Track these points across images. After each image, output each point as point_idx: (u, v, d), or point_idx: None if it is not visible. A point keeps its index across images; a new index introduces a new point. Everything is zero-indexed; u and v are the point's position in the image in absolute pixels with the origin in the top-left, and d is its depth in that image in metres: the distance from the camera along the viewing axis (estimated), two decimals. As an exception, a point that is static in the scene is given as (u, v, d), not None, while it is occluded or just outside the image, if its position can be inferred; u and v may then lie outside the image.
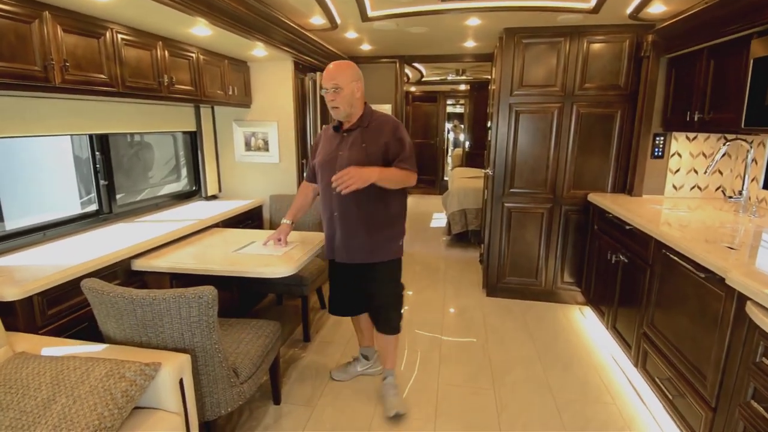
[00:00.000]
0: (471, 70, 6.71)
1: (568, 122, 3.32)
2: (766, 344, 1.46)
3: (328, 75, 2.04)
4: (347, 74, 2.05)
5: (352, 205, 2.11)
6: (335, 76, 2.02)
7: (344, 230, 2.15)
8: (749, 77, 2.11)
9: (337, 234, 2.18)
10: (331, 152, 2.15)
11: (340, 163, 2.07)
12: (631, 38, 3.10)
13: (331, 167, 2.10)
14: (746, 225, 2.36)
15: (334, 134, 2.18)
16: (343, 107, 2.06)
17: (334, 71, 2.04)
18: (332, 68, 2.05)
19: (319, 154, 2.21)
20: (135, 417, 1.42)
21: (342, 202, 2.11)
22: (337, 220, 2.16)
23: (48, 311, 1.76)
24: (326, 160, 2.15)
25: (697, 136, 3.07)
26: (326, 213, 2.21)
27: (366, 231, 2.13)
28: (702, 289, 1.84)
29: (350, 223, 2.13)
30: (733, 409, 1.60)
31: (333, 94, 2.03)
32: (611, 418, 2.23)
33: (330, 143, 2.18)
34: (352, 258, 2.19)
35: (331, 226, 2.20)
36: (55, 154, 2.61)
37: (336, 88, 2.02)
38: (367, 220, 2.13)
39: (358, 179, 1.90)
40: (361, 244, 2.15)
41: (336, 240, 2.19)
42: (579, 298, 3.55)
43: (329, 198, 2.15)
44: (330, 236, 2.23)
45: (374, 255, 2.18)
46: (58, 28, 1.84)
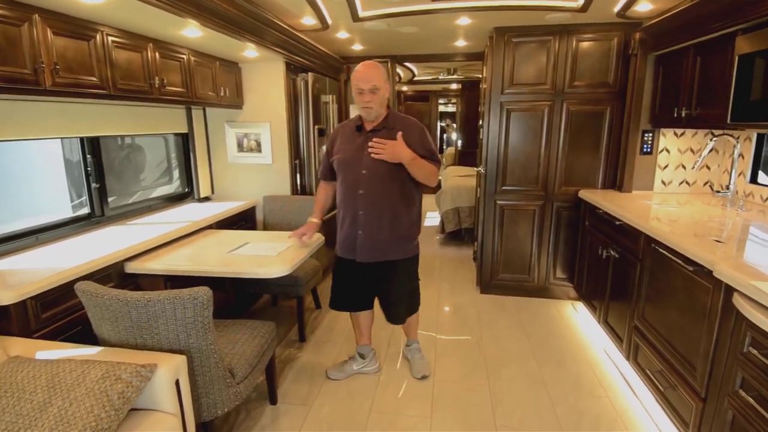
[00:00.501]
0: (462, 69, 6.74)
1: (559, 120, 3.36)
2: (753, 335, 1.49)
3: (366, 75, 2.04)
4: (383, 75, 2.09)
5: (378, 205, 2.15)
6: (373, 77, 2.04)
7: (368, 229, 2.18)
8: (734, 73, 2.15)
9: (360, 233, 2.19)
10: (354, 152, 2.16)
11: (365, 163, 2.12)
12: (620, 36, 3.15)
13: (356, 167, 2.13)
14: (734, 219, 2.40)
15: (355, 133, 2.19)
16: (376, 108, 2.09)
17: (372, 72, 2.05)
18: (370, 69, 2.06)
19: (340, 153, 2.20)
20: (132, 418, 1.42)
21: (368, 202, 2.15)
22: (362, 219, 2.17)
23: (42, 315, 1.75)
24: (350, 159, 2.16)
25: (685, 132, 3.12)
26: (349, 212, 2.21)
27: (390, 230, 2.19)
28: (690, 282, 1.88)
29: (375, 222, 2.17)
30: (723, 399, 1.64)
31: (370, 94, 2.05)
32: (604, 411, 2.27)
33: (351, 142, 2.18)
34: (375, 257, 2.22)
35: (353, 226, 2.20)
36: (45, 157, 2.59)
37: (374, 89, 2.04)
38: (391, 220, 2.18)
39: (390, 153, 2.02)
40: (384, 243, 2.20)
41: (358, 239, 2.21)
42: (571, 294, 3.59)
43: (353, 197, 2.17)
44: (351, 236, 2.23)
45: (395, 253, 2.24)
46: (48, 31, 1.83)
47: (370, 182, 2.14)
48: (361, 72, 2.06)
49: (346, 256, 2.30)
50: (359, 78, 2.06)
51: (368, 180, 2.14)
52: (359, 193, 2.15)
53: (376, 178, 2.14)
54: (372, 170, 2.13)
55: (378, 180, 2.14)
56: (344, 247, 2.29)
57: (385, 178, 2.14)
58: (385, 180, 2.14)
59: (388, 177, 2.14)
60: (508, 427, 2.15)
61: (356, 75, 2.08)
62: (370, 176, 2.14)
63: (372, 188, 2.15)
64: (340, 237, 2.30)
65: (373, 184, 2.14)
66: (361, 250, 2.22)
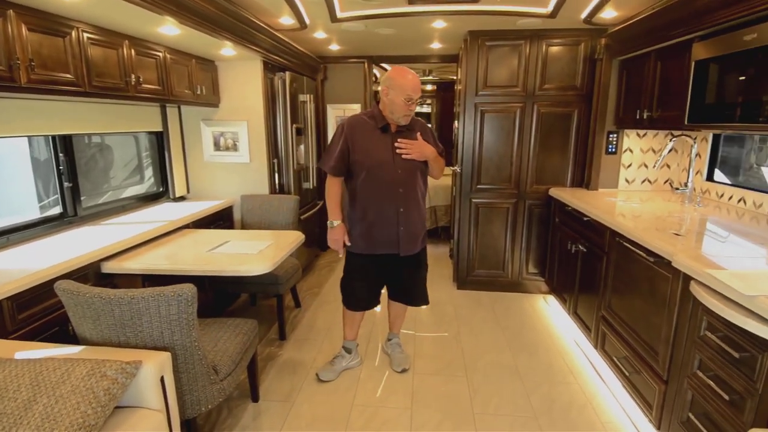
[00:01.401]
0: (437, 71, 6.85)
1: (530, 121, 3.49)
2: (708, 319, 1.62)
3: (419, 86, 2.18)
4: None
5: (413, 201, 2.34)
6: (421, 89, 2.21)
7: (409, 225, 2.33)
8: (691, 78, 2.30)
9: (401, 229, 2.32)
10: (386, 151, 2.26)
11: (399, 163, 2.26)
12: (587, 42, 3.30)
13: (392, 167, 2.25)
14: (692, 214, 2.57)
15: (380, 134, 2.28)
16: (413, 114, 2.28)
17: (419, 83, 2.19)
18: (419, 79, 2.20)
19: (369, 153, 2.25)
20: (118, 415, 1.42)
21: (407, 199, 2.30)
22: (403, 216, 2.31)
23: (18, 316, 1.72)
24: (385, 160, 2.25)
25: (647, 132, 3.30)
26: (389, 210, 2.29)
27: (421, 223, 2.42)
28: (652, 272, 2.01)
29: (413, 217, 2.35)
30: (682, 381, 1.77)
31: (414, 103, 2.20)
32: (574, 397, 2.39)
33: (380, 143, 2.27)
34: (414, 249, 2.39)
35: (393, 223, 2.30)
36: (11, 156, 2.52)
37: (419, 99, 2.22)
38: (421, 214, 2.40)
39: (419, 152, 2.25)
40: (419, 235, 2.41)
41: (401, 234, 2.32)
42: (543, 288, 3.73)
43: (393, 196, 2.28)
44: (391, 232, 2.32)
45: (422, 243, 2.47)
46: (23, 27, 1.80)
47: (407, 180, 2.29)
48: (413, 82, 2.17)
49: (382, 252, 2.36)
50: (413, 88, 2.16)
51: (404, 179, 2.28)
52: (399, 191, 2.27)
53: (410, 176, 2.30)
54: (406, 170, 2.28)
55: (411, 178, 2.31)
56: (380, 244, 2.35)
57: (416, 175, 2.33)
58: (416, 177, 2.33)
59: (417, 174, 2.33)
60: (485, 414, 2.24)
61: (409, 84, 2.16)
62: (404, 175, 2.28)
63: (408, 186, 2.30)
64: (373, 235, 2.33)
65: (408, 182, 2.30)
66: (405, 245, 2.35)
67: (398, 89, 2.16)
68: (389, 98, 2.20)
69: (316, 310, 3.45)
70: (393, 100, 2.19)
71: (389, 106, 2.22)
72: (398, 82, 2.16)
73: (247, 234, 2.80)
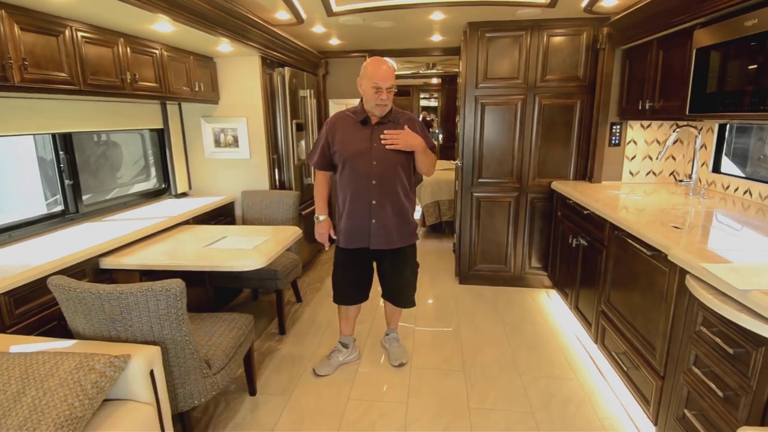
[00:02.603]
0: (442, 64, 6.79)
1: (531, 113, 3.44)
2: (704, 314, 1.58)
3: (387, 75, 2.13)
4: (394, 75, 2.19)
5: (388, 195, 2.27)
6: (392, 77, 2.15)
7: (381, 218, 2.28)
8: (692, 66, 2.24)
9: (373, 222, 2.28)
10: (363, 144, 2.24)
11: (375, 155, 2.22)
12: (588, 31, 3.23)
13: (367, 159, 2.23)
14: (696, 207, 2.51)
15: (360, 126, 2.26)
16: (389, 105, 2.23)
17: (392, 71, 2.15)
18: (390, 69, 2.15)
19: (345, 145, 2.26)
20: (107, 408, 1.45)
21: (380, 192, 2.25)
22: (375, 209, 2.27)
23: (16, 311, 1.76)
24: (360, 151, 2.23)
25: (651, 123, 3.22)
26: (361, 202, 2.27)
27: (398, 218, 2.32)
28: (650, 266, 1.97)
29: (387, 211, 2.28)
30: (679, 376, 1.73)
31: (388, 93, 2.15)
32: (573, 393, 2.36)
33: (357, 135, 2.25)
34: (387, 244, 2.33)
35: (365, 215, 2.28)
36: (18, 155, 2.57)
37: (392, 88, 2.16)
38: (398, 208, 2.31)
39: (405, 141, 2.16)
40: (394, 230, 2.32)
41: (372, 227, 2.29)
42: (546, 282, 3.69)
43: (366, 188, 2.25)
44: (363, 225, 2.29)
45: (402, 240, 2.37)
46: (15, 27, 1.82)
47: (383, 173, 2.24)
48: (383, 71, 2.13)
49: (355, 246, 2.34)
50: (381, 77, 2.12)
51: (379, 171, 2.24)
52: (372, 183, 2.24)
53: (387, 168, 2.24)
54: (382, 161, 2.23)
55: (388, 170, 2.25)
56: (354, 236, 2.33)
57: (395, 168, 2.26)
58: (394, 170, 2.26)
59: (396, 167, 2.26)
60: (481, 409, 2.23)
61: (376, 72, 2.12)
62: (380, 167, 2.23)
63: (383, 179, 2.25)
64: (347, 227, 2.33)
65: (384, 174, 2.25)
66: (375, 239, 2.31)
67: (367, 78, 2.15)
68: (362, 88, 2.20)
69: (317, 305, 3.47)
70: (364, 90, 2.19)
71: (364, 97, 2.23)
72: (368, 71, 2.15)
73: (245, 229, 2.82)
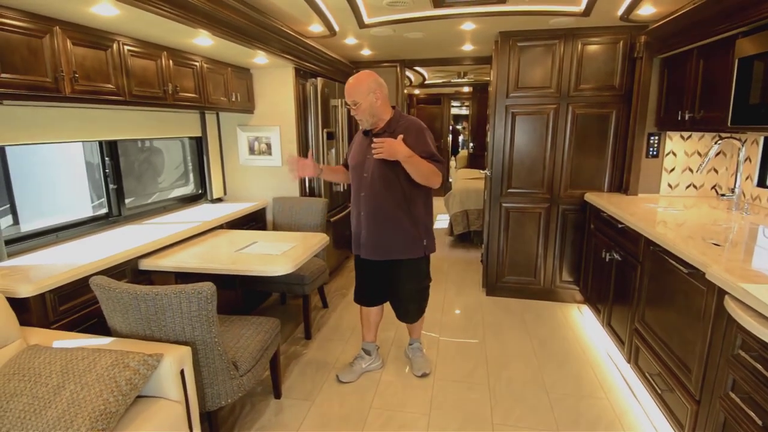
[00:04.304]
0: (473, 72, 6.76)
1: (564, 123, 3.37)
2: (743, 337, 1.50)
3: (346, 92, 2.21)
4: (362, 88, 2.18)
5: (377, 207, 2.27)
6: (351, 93, 2.19)
7: (369, 229, 2.32)
8: (735, 76, 2.15)
9: (363, 232, 2.35)
10: (360, 155, 2.32)
11: (367, 167, 2.27)
12: (625, 39, 3.15)
13: (361, 170, 2.30)
14: (739, 222, 2.39)
15: (365, 138, 2.33)
16: (365, 118, 2.24)
17: (350, 88, 2.20)
18: (349, 84, 2.20)
19: (350, 157, 2.43)
20: (139, 404, 1.52)
21: (369, 203, 2.29)
22: (363, 220, 2.32)
23: (59, 307, 1.87)
24: (357, 163, 2.33)
25: (692, 135, 3.10)
26: (354, 211, 2.39)
27: (390, 231, 2.29)
28: (687, 284, 1.89)
29: (375, 223, 2.30)
30: (715, 402, 1.65)
31: (353, 108, 2.22)
32: (603, 413, 2.28)
33: (360, 146, 2.35)
34: (377, 255, 2.35)
35: (358, 225, 2.38)
36: (67, 160, 2.74)
37: (354, 104, 2.20)
38: (390, 221, 2.28)
39: (387, 150, 2.05)
40: (385, 242, 2.31)
41: (362, 237, 2.36)
42: (578, 297, 3.59)
43: (357, 199, 2.34)
44: (357, 234, 2.40)
45: (399, 253, 2.33)
46: (67, 42, 1.96)
47: (371, 185, 2.27)
48: (345, 87, 2.22)
49: (354, 252, 2.47)
50: (345, 93, 2.23)
51: (369, 183, 2.27)
52: (361, 195, 2.31)
53: (377, 181, 2.25)
54: (372, 173, 2.26)
55: (378, 183, 2.24)
56: (354, 243, 2.45)
57: (384, 180, 2.23)
58: (385, 182, 2.23)
59: (387, 180, 2.23)
60: (504, 425, 2.19)
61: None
62: (371, 179, 2.27)
63: (372, 190, 2.27)
64: (352, 234, 2.45)
65: (374, 186, 2.26)
66: (365, 248, 2.37)
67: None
68: None
69: (343, 311, 3.50)
70: None
71: None
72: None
73: (275, 235, 2.89)
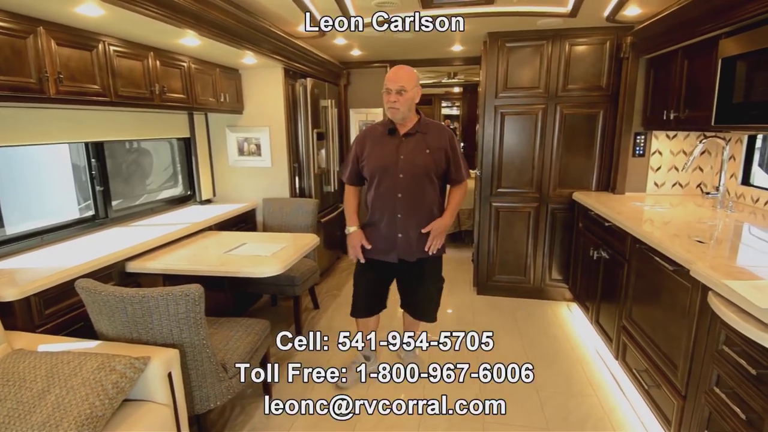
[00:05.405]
0: (463, 73, 6.78)
1: (553, 123, 3.40)
2: (726, 333, 1.53)
3: (394, 77, 2.12)
4: (413, 78, 2.14)
5: (415, 208, 2.23)
6: (402, 79, 2.12)
7: (407, 231, 2.25)
8: (718, 76, 2.18)
9: (400, 236, 2.26)
10: (390, 156, 2.21)
11: (402, 167, 2.19)
12: (612, 40, 3.19)
13: (393, 171, 2.20)
14: (724, 220, 2.43)
15: (388, 137, 2.23)
16: (402, 109, 2.14)
17: (401, 74, 2.13)
18: (399, 71, 2.14)
19: (373, 158, 2.24)
20: (126, 408, 1.51)
21: (408, 204, 2.22)
22: (401, 221, 2.24)
23: (45, 311, 1.85)
24: (387, 163, 2.21)
25: (677, 134, 3.14)
26: (386, 215, 2.25)
27: (426, 234, 2.27)
28: (672, 281, 1.92)
29: (417, 222, 2.24)
30: (700, 397, 1.67)
31: (396, 95, 2.11)
32: (592, 410, 2.30)
33: (385, 146, 2.23)
34: (413, 255, 2.29)
35: (392, 228, 2.26)
36: (53, 161, 2.71)
37: (401, 90, 2.11)
38: (426, 221, 2.26)
39: (441, 234, 2.25)
40: (422, 243, 2.27)
41: (398, 241, 2.27)
42: (567, 295, 3.62)
43: (392, 201, 2.23)
44: (390, 237, 2.27)
45: (429, 253, 2.31)
46: (52, 42, 1.93)
47: (408, 186, 2.20)
48: (390, 73, 2.15)
49: (382, 258, 2.32)
50: (388, 78, 2.14)
51: (405, 184, 2.20)
52: (398, 196, 2.21)
53: (413, 181, 2.20)
54: (408, 174, 2.19)
55: (415, 183, 2.21)
56: (380, 249, 2.31)
57: (421, 181, 2.21)
58: (421, 183, 2.21)
59: (423, 181, 2.21)
60: (495, 422, 2.20)
61: (386, 75, 2.16)
62: (406, 180, 2.20)
63: (409, 192, 2.21)
64: (375, 240, 2.31)
65: (410, 187, 2.21)
66: (403, 250, 2.28)
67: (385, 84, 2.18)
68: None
69: (334, 312, 3.49)
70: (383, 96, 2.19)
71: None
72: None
73: (265, 236, 2.88)
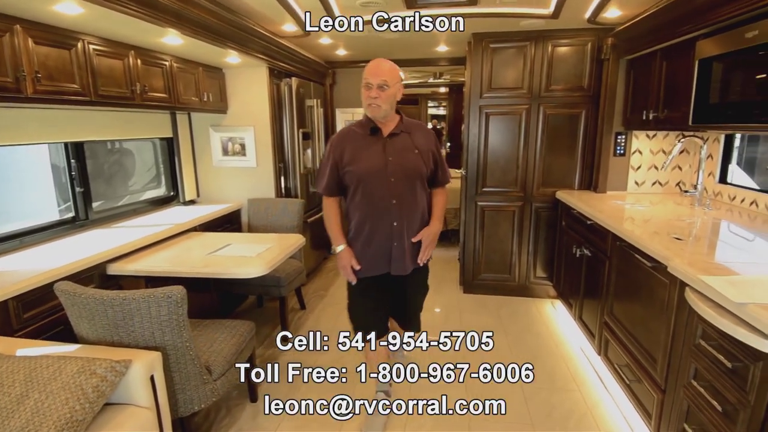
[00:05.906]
0: (449, 73, 6.80)
1: (536, 123, 3.45)
2: (703, 327, 1.57)
3: (376, 70, 1.89)
4: (396, 73, 1.94)
5: (410, 213, 2.02)
6: (385, 73, 1.89)
7: (402, 240, 2.02)
8: (695, 77, 2.24)
9: (395, 245, 2.02)
10: (377, 158, 1.97)
11: (393, 170, 1.96)
12: (593, 41, 3.24)
13: (383, 176, 1.96)
14: (702, 218, 2.48)
15: (371, 138, 2.00)
16: (384, 107, 1.92)
17: (384, 67, 1.91)
18: (382, 63, 1.92)
19: (357, 163, 1.98)
20: (108, 411, 1.48)
21: (403, 209, 1.99)
22: (397, 230, 2.00)
23: (24, 315, 1.81)
24: (376, 167, 1.96)
25: (657, 133, 3.21)
26: (380, 224, 2.00)
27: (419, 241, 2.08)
28: (651, 278, 1.96)
29: (412, 229, 2.04)
30: (679, 390, 1.71)
31: (377, 90, 1.89)
32: (576, 406, 2.34)
33: (369, 150, 1.98)
34: (408, 268, 2.07)
35: (387, 238, 2.01)
36: (31, 162, 2.65)
37: (383, 85, 1.89)
38: (419, 228, 2.07)
39: (432, 242, 2.09)
40: (414, 253, 2.08)
41: (393, 251, 2.02)
42: (551, 292, 3.67)
43: (385, 208, 1.98)
44: (384, 250, 2.02)
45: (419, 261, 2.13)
46: (29, 41, 1.90)
47: (402, 191, 1.99)
48: (371, 65, 1.92)
49: (376, 272, 2.07)
50: (368, 71, 1.91)
51: (399, 188, 1.98)
52: (392, 203, 1.97)
53: (406, 185, 2.00)
54: (400, 177, 1.98)
55: (408, 187, 2.00)
56: (374, 263, 2.05)
57: (413, 184, 2.01)
58: (413, 187, 2.02)
59: (415, 184, 2.02)
60: (479, 419, 2.22)
61: (366, 69, 1.92)
62: (399, 184, 1.98)
63: (403, 197, 1.99)
64: (366, 254, 2.04)
65: (404, 192, 2.00)
66: (397, 263, 2.04)
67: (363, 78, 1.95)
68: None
69: (321, 312, 3.49)
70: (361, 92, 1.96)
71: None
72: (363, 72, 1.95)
73: (250, 237, 2.86)
